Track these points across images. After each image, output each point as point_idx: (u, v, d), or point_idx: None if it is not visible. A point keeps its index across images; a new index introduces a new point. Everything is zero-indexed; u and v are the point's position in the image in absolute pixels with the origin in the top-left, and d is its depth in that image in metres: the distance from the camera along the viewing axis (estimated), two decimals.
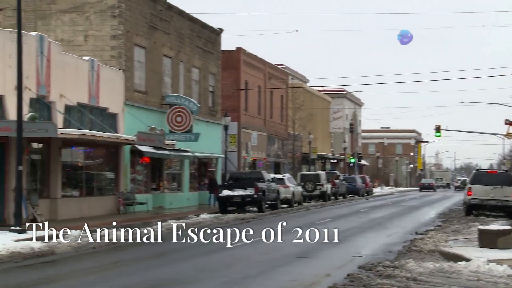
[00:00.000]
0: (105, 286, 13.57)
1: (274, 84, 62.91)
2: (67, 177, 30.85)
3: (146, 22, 37.88)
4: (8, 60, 25.88)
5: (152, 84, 38.69)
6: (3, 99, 26.41)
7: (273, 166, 62.93)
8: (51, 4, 35.29)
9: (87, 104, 31.87)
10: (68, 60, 30.46)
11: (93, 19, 35.15)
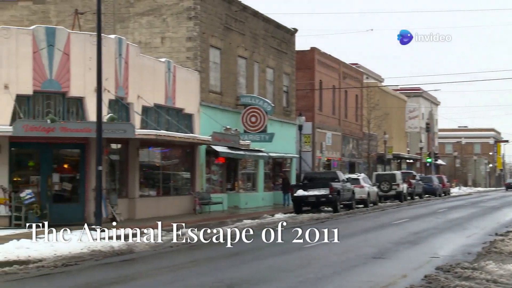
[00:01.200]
0: (182, 285, 13.77)
1: (349, 83, 62.50)
2: (144, 177, 31.42)
3: (221, 23, 38.21)
4: (88, 63, 26.53)
5: (227, 85, 39.01)
6: (83, 101, 27.11)
7: (348, 166, 62.51)
8: (130, 7, 36.02)
9: (164, 105, 32.38)
10: (145, 62, 31.01)
11: (169, 21, 35.69)
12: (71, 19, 34.46)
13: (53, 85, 26.53)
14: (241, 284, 13.84)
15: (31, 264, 15.85)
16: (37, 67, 26.22)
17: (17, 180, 26.47)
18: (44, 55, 26.31)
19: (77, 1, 36.16)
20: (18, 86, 25.87)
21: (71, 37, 26.97)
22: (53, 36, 26.48)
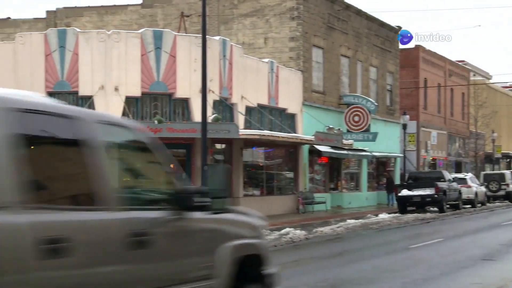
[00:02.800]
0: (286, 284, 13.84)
1: (455, 81, 61.03)
2: (248, 176, 31.76)
3: (324, 22, 38.13)
4: (194, 64, 27.09)
5: (329, 84, 38.90)
6: (188, 101, 27.70)
7: (454, 165, 61.07)
8: (233, 9, 36.51)
9: (267, 105, 32.63)
10: (249, 62, 31.35)
11: (272, 21, 35.94)
12: (177, 22, 35.29)
13: (160, 86, 27.23)
14: (345, 284, 13.78)
15: None
16: (145, 69, 26.99)
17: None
18: (152, 58, 27.05)
19: (183, 4, 36.98)
20: (127, 88, 26.71)
21: (177, 39, 27.61)
22: (160, 39, 27.18)
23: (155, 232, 5.54)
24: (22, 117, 4.62)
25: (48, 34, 27.24)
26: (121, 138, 5.73)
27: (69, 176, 5.19)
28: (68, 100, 26.97)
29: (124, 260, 5.27)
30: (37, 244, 4.47)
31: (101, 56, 26.66)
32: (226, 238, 6.42)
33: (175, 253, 5.82)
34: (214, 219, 6.39)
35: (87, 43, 26.73)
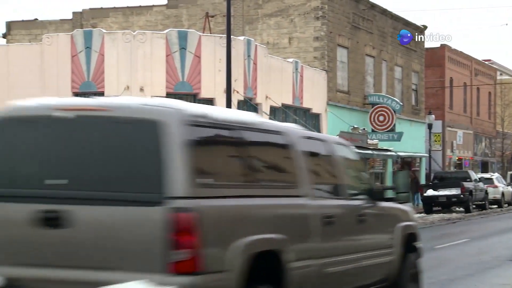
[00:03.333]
0: None
1: (481, 80, 60.57)
2: None
3: (349, 22, 38.05)
4: (218, 64, 27.16)
5: (354, 84, 38.80)
6: (213, 102, 27.77)
7: (480, 165, 60.60)
8: (258, 9, 36.56)
9: (291, 105, 32.63)
10: (273, 62, 31.37)
11: (297, 21, 35.94)
12: (202, 22, 35.40)
13: (185, 87, 27.35)
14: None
15: None
16: (170, 69, 27.12)
17: None
18: (177, 58, 27.18)
19: (207, 4, 37.10)
20: (153, 89, 26.85)
21: (202, 39, 27.71)
22: (185, 39, 27.30)
23: (364, 213, 8.24)
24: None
25: (74, 35, 27.47)
26: (319, 149, 8.02)
27: (328, 177, 8.17)
28: None
29: (354, 230, 8.05)
30: (322, 218, 7.32)
31: (126, 57, 26.82)
32: (399, 220, 9.07)
33: (375, 228, 8.51)
34: (393, 207, 9.12)
35: (113, 43, 26.91)
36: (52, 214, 5.74)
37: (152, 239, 5.55)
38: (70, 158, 5.90)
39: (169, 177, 5.57)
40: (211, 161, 6.09)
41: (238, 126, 6.50)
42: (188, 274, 5.52)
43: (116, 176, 5.75)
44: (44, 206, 5.75)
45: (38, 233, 5.80)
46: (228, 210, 6.05)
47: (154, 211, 5.55)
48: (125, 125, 5.84)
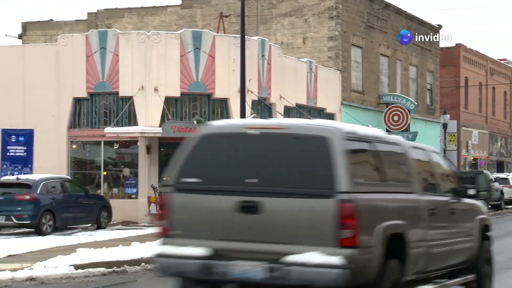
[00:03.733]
0: None
1: (497, 80, 60.23)
2: None
3: (363, 21, 37.96)
4: (232, 64, 27.17)
5: (368, 84, 38.70)
6: (227, 101, 27.79)
7: (496, 165, 60.26)
8: (272, 9, 36.54)
9: (305, 105, 32.59)
10: (287, 62, 31.35)
11: (311, 21, 35.89)
12: (216, 22, 35.42)
13: (199, 87, 27.37)
14: None
15: None
16: (184, 69, 27.15)
17: (167, 179, 27.45)
18: (191, 58, 27.20)
19: (222, 4, 37.12)
20: (167, 89, 26.90)
21: (216, 39, 27.72)
22: (199, 39, 27.32)
23: (454, 207, 10.30)
24: None
25: (89, 35, 27.57)
26: (421, 156, 10.08)
27: (428, 177, 10.08)
28: (109, 100, 27.29)
29: (448, 220, 10.09)
30: (428, 209, 9.39)
31: (141, 57, 26.88)
32: (477, 214, 11.09)
33: (461, 219, 10.49)
34: (472, 203, 11.07)
35: (127, 44, 26.98)
36: (249, 204, 8.01)
37: (326, 222, 7.79)
38: (260, 163, 8.21)
39: (337, 177, 7.80)
40: (359, 166, 8.36)
41: (373, 139, 8.76)
42: (350, 247, 7.73)
43: (295, 176, 7.98)
44: (244, 198, 8.04)
45: (239, 217, 8.06)
46: (373, 202, 8.26)
47: (327, 202, 7.78)
48: (301, 140, 8.09)
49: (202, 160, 8.45)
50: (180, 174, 8.59)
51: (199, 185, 8.36)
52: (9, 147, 27.06)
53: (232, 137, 8.43)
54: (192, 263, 8.11)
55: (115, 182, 27.43)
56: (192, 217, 8.35)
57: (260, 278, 7.86)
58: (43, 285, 13.33)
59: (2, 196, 22.02)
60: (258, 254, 7.95)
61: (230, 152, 8.40)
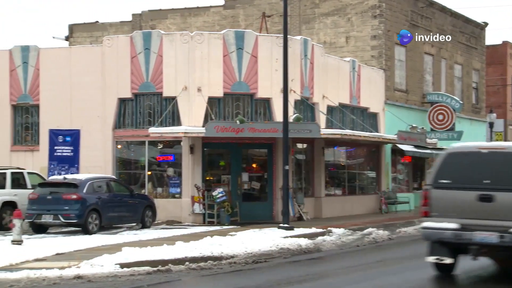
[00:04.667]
0: (370, 284, 13.76)
1: None
2: (329, 176, 31.68)
3: (407, 20, 37.64)
4: (275, 64, 27.19)
5: (412, 83, 38.37)
6: (270, 101, 27.81)
7: None
8: (315, 8, 36.47)
9: (348, 104, 32.45)
10: (330, 61, 31.25)
11: (354, 20, 35.72)
12: (259, 22, 35.50)
13: (242, 87, 27.45)
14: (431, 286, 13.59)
15: (224, 260, 16.51)
16: (227, 70, 27.26)
17: (210, 179, 27.67)
18: (234, 58, 27.30)
19: (264, 4, 37.18)
20: (210, 89, 27.04)
21: (259, 39, 27.77)
22: (242, 39, 27.40)
23: None
24: None
25: (133, 36, 27.85)
26: None
27: None
28: (153, 101, 27.54)
29: None
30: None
31: (184, 57, 27.06)
32: None
33: None
34: None
35: (171, 44, 27.18)
36: (486, 196, 12.79)
37: None
38: (491, 170, 12.99)
39: None
40: None
41: None
42: None
43: None
44: (482, 192, 12.84)
45: (478, 204, 12.85)
46: None
47: None
48: None
49: (450, 169, 13.33)
50: (436, 177, 13.41)
51: (449, 184, 13.22)
52: (56, 147, 27.48)
53: (470, 154, 13.36)
54: (448, 232, 13.04)
55: (159, 182, 27.68)
56: (445, 204, 13.19)
57: (495, 242, 12.62)
58: (90, 283, 13.54)
59: (50, 195, 22.37)
60: (492, 227, 12.65)
61: (469, 163, 13.18)
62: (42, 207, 22.14)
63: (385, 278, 14.46)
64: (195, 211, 26.46)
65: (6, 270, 14.67)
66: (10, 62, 28.84)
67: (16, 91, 28.88)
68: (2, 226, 23.47)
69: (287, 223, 22.89)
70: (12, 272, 14.35)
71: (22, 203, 23.16)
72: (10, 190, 24.09)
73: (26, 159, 28.31)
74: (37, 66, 28.57)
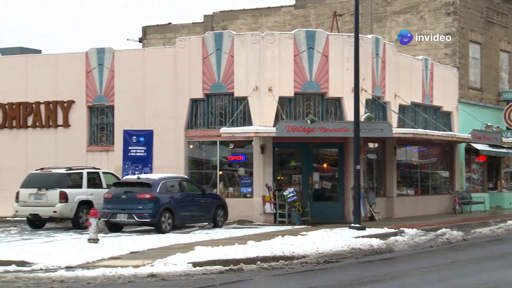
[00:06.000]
0: (444, 286, 13.55)
1: None
2: (402, 176, 31.32)
3: (482, 17, 36.89)
4: (346, 63, 27.06)
5: (487, 81, 37.56)
6: (341, 101, 27.69)
7: None
8: (387, 7, 36.12)
9: (421, 103, 32.01)
10: (402, 60, 30.89)
11: (427, 18, 35.22)
12: (330, 21, 35.37)
13: (313, 86, 27.42)
14: None
15: (295, 260, 16.53)
16: (298, 69, 27.27)
17: (280, 178, 27.73)
18: (304, 58, 27.29)
19: (335, 3, 37.03)
20: (281, 89, 27.10)
21: (330, 39, 27.68)
22: (313, 39, 27.37)
23: None
24: None
25: (205, 37, 28.16)
26: None
27: None
28: (224, 101, 27.78)
29: None
30: None
31: (255, 58, 27.20)
32: None
33: None
34: None
35: (242, 45, 27.37)
36: None
37: None
38: None
39: None
40: None
41: None
42: None
43: None
44: None
45: None
46: None
47: None
48: None
49: None
50: None
51: None
52: (130, 148, 28.02)
53: None
54: None
55: (230, 182, 27.90)
56: None
57: None
58: (163, 282, 13.76)
59: (124, 195, 22.81)
60: None
61: None
62: (117, 206, 22.60)
63: (460, 279, 14.21)
64: (266, 211, 26.57)
65: (83, 267, 15.08)
66: (87, 64, 29.56)
67: (92, 93, 29.58)
68: (79, 224, 24.09)
69: (358, 223, 22.77)
70: (89, 269, 14.73)
71: (98, 202, 23.72)
72: (86, 190, 24.71)
73: (101, 159, 28.97)
74: (112, 68, 29.19)
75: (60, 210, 23.90)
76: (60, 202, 23.87)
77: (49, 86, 30.01)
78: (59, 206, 23.86)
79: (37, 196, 24.11)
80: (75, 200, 24.12)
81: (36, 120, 30.27)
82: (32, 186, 24.33)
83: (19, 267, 15.14)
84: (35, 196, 24.13)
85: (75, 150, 29.40)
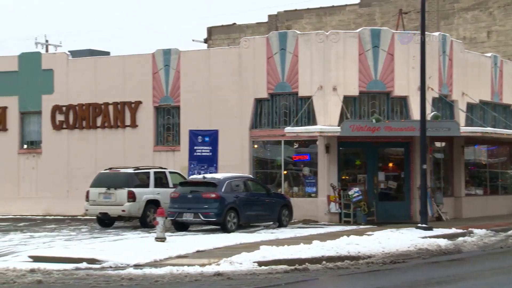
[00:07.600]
0: None
1: None
2: (470, 175, 30.76)
3: None
4: (412, 62, 26.73)
5: None
6: (407, 99, 27.37)
7: None
8: (454, 3, 35.55)
9: (489, 101, 31.38)
10: (470, 57, 30.34)
11: (496, 14, 34.52)
12: (395, 19, 35.00)
13: (378, 85, 27.18)
14: None
15: (361, 260, 16.43)
16: (363, 68, 27.07)
17: (345, 178, 27.58)
18: (369, 56, 27.07)
19: (401, 1, 36.63)
20: (345, 88, 26.96)
21: (395, 37, 27.39)
22: (378, 37, 27.13)
23: None
24: None
25: (269, 37, 28.22)
26: None
27: None
28: (288, 100, 27.79)
29: None
30: None
31: (319, 57, 27.13)
32: None
33: None
34: None
35: (306, 44, 27.32)
36: None
37: None
38: None
39: None
40: None
41: None
42: None
43: None
44: None
45: None
46: None
47: None
48: None
49: None
50: None
51: None
52: (196, 147, 28.29)
53: None
54: None
55: (295, 181, 27.89)
56: None
57: None
58: (229, 281, 13.86)
59: (190, 194, 23.06)
60: None
61: None
62: (183, 205, 22.86)
63: None
64: (331, 210, 26.46)
65: (151, 266, 15.32)
66: (153, 65, 29.99)
67: (158, 93, 29.99)
68: (147, 223, 24.46)
69: (425, 223, 22.47)
70: (157, 268, 14.96)
71: (165, 202, 24.04)
72: (154, 189, 25.07)
73: (167, 158, 29.35)
74: (178, 68, 29.54)
75: (128, 209, 24.32)
76: (128, 201, 24.30)
77: (117, 87, 30.56)
78: (127, 205, 24.28)
79: (106, 195, 24.60)
80: (142, 199, 24.51)
81: (105, 120, 30.86)
82: (101, 186, 24.83)
83: (90, 265, 15.49)
84: (104, 195, 24.62)
85: (142, 150, 29.87)
